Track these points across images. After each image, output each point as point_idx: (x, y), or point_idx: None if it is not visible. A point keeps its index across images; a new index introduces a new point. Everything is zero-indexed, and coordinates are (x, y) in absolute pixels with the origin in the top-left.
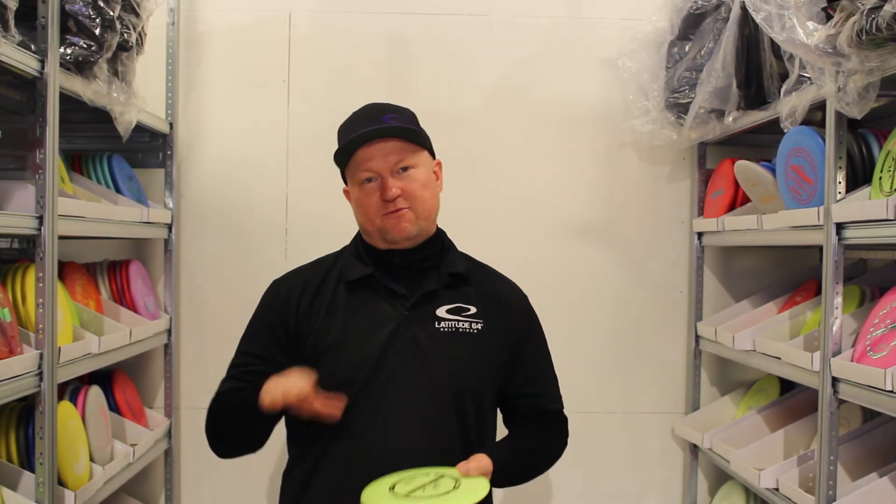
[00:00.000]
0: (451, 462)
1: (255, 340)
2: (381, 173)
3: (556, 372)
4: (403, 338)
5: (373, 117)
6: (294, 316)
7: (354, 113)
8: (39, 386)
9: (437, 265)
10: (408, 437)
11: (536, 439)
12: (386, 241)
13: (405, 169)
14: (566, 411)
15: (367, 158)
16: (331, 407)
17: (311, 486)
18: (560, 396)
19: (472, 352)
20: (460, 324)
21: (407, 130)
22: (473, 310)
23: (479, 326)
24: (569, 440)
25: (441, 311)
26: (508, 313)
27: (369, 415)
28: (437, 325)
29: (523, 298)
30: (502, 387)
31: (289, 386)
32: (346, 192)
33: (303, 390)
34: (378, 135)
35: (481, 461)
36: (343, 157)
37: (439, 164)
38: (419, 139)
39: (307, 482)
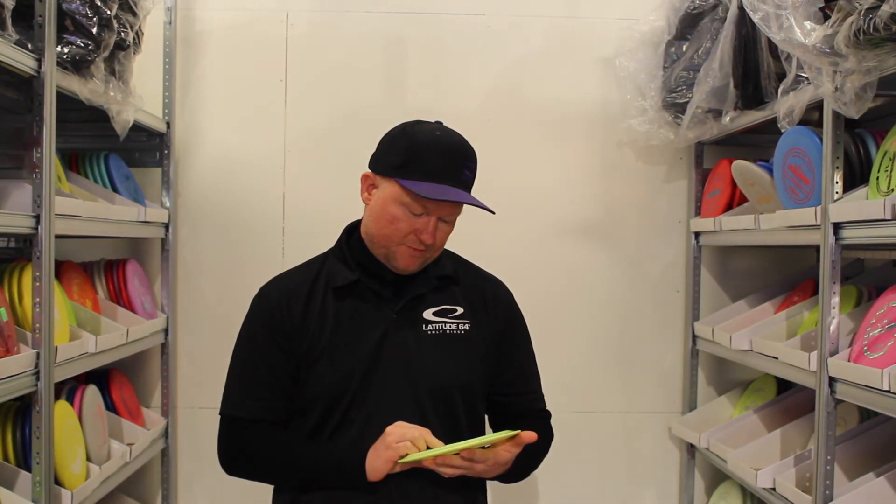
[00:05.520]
0: None
1: (261, 353)
2: (431, 218)
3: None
4: (392, 342)
5: (454, 165)
6: (288, 320)
7: (434, 141)
8: (36, 385)
9: (423, 268)
10: None
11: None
12: (388, 264)
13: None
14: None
15: (432, 202)
16: None
17: (303, 496)
18: (543, 395)
19: (461, 353)
20: (447, 325)
21: (470, 186)
22: (460, 310)
23: (466, 327)
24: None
25: (428, 314)
26: (494, 312)
27: (362, 422)
28: (424, 328)
29: (508, 296)
30: (489, 385)
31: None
32: (366, 178)
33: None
34: (460, 200)
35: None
36: (407, 182)
37: None
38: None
39: (298, 495)
